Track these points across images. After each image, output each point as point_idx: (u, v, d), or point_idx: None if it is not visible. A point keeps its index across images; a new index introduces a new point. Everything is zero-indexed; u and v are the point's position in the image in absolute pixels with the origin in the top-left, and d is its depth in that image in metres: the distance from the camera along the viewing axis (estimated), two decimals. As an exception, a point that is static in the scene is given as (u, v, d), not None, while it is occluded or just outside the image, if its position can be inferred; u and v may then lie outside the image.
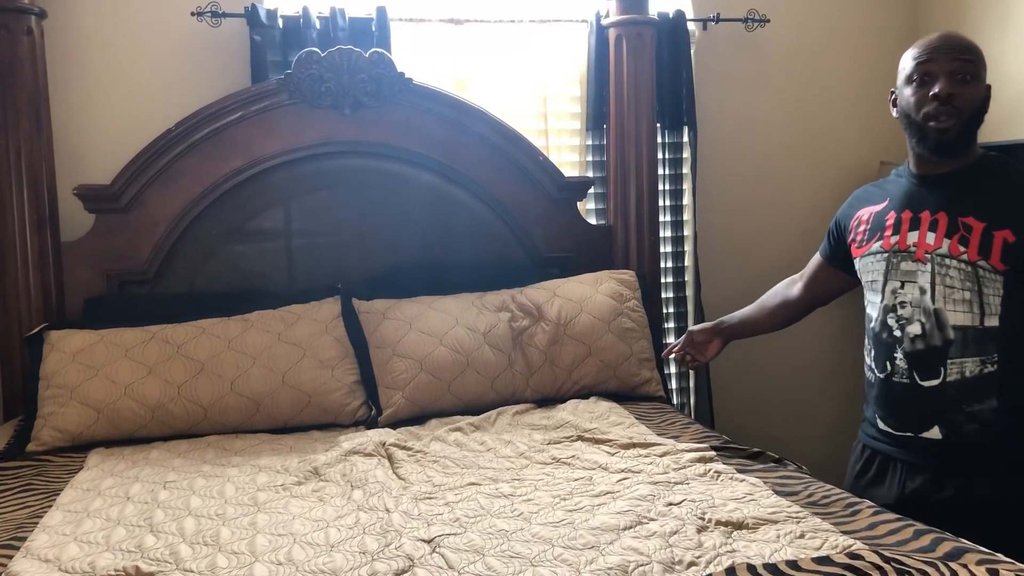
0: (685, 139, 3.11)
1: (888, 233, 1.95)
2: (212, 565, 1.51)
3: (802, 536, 1.56)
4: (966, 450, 1.85)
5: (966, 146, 1.89)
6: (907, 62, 1.93)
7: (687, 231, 3.17)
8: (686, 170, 3.13)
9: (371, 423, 2.43)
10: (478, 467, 2.04)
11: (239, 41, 2.78)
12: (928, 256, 1.86)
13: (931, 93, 1.85)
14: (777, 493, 1.79)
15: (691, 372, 3.17)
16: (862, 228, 2.04)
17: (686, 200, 3.15)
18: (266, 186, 2.72)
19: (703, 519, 1.66)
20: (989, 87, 1.89)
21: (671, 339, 3.16)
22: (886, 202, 2.00)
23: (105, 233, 2.62)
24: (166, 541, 1.62)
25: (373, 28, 2.79)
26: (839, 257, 2.19)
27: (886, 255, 1.95)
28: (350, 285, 2.66)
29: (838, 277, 2.24)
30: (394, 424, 2.40)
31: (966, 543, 1.50)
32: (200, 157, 2.67)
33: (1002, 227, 1.80)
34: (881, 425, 1.98)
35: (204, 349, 2.39)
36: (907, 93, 1.92)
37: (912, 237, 1.90)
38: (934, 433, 1.87)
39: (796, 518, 1.65)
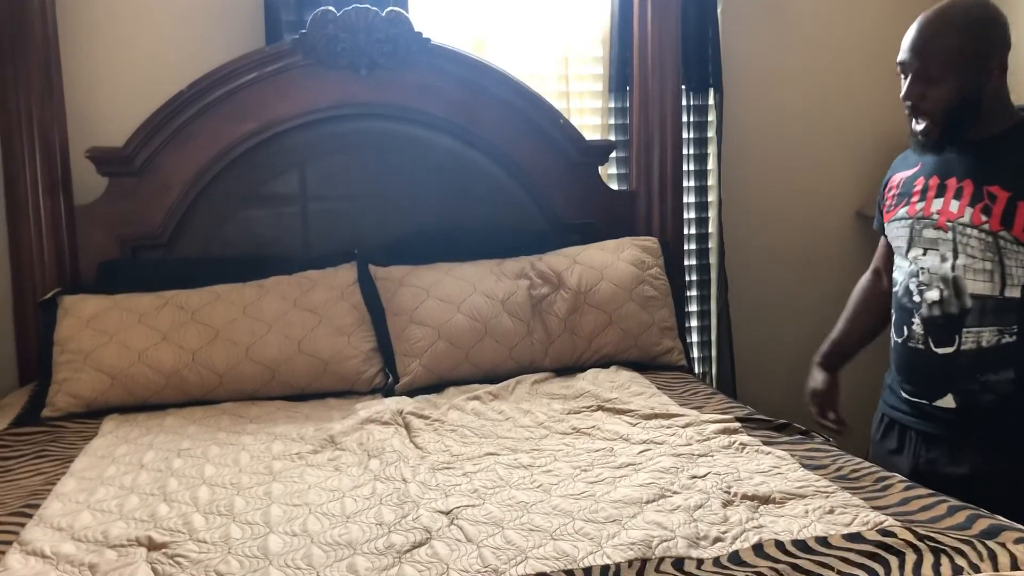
0: (711, 102, 3.02)
1: (915, 199, 1.91)
2: (226, 536, 1.48)
3: (831, 511, 1.51)
4: (982, 421, 1.81)
5: (960, 136, 1.82)
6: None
7: (711, 197, 3.09)
8: (711, 134, 3.05)
9: (388, 391, 2.39)
10: (496, 436, 2.00)
11: (253, 0, 2.71)
12: (950, 224, 1.83)
13: (901, 94, 1.84)
14: (804, 466, 1.74)
15: (713, 341, 3.11)
16: (892, 193, 2.01)
17: (710, 165, 3.08)
18: (281, 149, 2.66)
19: (728, 493, 1.61)
20: (995, 65, 1.78)
21: (693, 307, 3.10)
22: (918, 167, 1.96)
23: (118, 196, 2.58)
24: (179, 511, 1.60)
25: (390, -14, 2.72)
26: None
27: (910, 221, 1.92)
28: (367, 251, 2.61)
29: None
30: (411, 392, 2.36)
31: (1003, 520, 1.44)
32: (214, 119, 2.61)
33: None
34: (900, 391, 1.95)
35: (219, 315, 2.35)
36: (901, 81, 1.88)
37: (936, 204, 1.86)
38: (948, 401, 1.84)
39: (825, 492, 1.60)
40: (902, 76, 1.85)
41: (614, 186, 3.00)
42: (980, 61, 1.78)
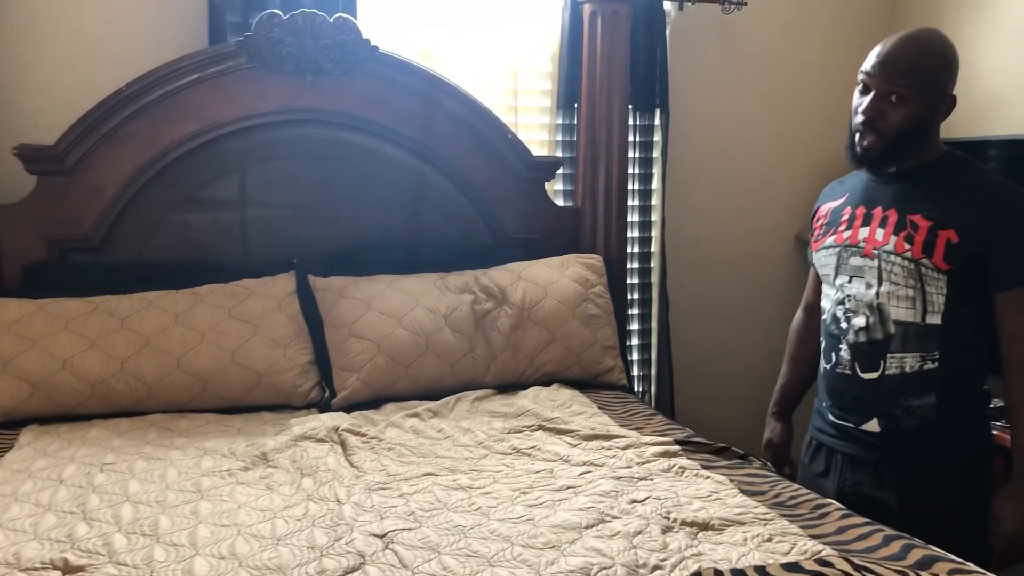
0: (657, 122, 3.03)
1: (842, 228, 1.95)
2: (148, 558, 1.42)
3: (770, 539, 1.51)
4: (905, 445, 1.86)
5: (895, 160, 1.86)
6: (865, 61, 1.88)
7: (655, 216, 3.10)
8: (656, 154, 3.06)
9: (324, 406, 2.34)
10: (435, 456, 1.96)
11: (196, 1, 2.63)
12: (875, 252, 1.87)
13: (860, 108, 1.85)
14: (743, 492, 1.74)
15: (653, 360, 3.12)
16: (820, 223, 2.05)
17: (655, 185, 3.09)
18: (221, 153, 2.58)
19: (668, 518, 1.60)
20: (951, 98, 1.83)
21: (635, 325, 3.11)
22: (845, 197, 2.00)
23: (47, 196, 2.47)
24: (100, 530, 1.53)
25: (339, -8, 2.67)
26: None
27: (837, 249, 1.96)
28: (307, 261, 2.55)
29: None
30: (348, 407, 2.31)
31: (936, 550, 1.46)
32: (152, 120, 2.53)
33: (948, 227, 1.78)
34: (828, 415, 1.99)
35: (150, 323, 2.27)
36: (854, 93, 1.90)
37: (863, 233, 1.90)
38: (873, 425, 1.89)
39: (763, 520, 1.60)
40: (862, 89, 1.86)
41: (560, 202, 2.99)
42: (941, 94, 1.82)
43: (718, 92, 3.19)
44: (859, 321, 1.89)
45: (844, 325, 1.92)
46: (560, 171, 2.94)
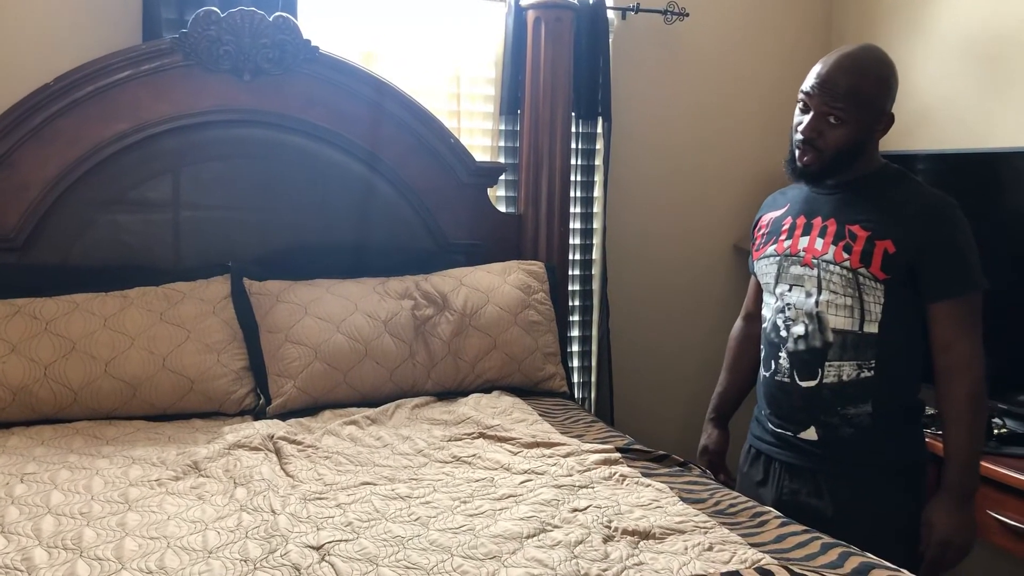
0: (599, 130, 3.04)
1: (783, 237, 1.98)
2: (71, 573, 1.36)
3: (710, 548, 1.51)
4: (841, 453, 1.88)
5: (833, 175, 1.89)
6: (806, 79, 1.90)
7: (596, 224, 3.11)
8: (598, 162, 3.07)
9: (259, 413, 2.28)
10: (373, 465, 1.92)
11: (130, -6, 2.56)
12: (815, 261, 1.89)
13: (799, 127, 1.88)
14: (683, 500, 1.74)
15: (594, 367, 3.12)
16: (761, 232, 2.08)
17: (596, 192, 3.09)
18: (154, 153, 2.51)
19: (609, 527, 1.59)
20: (890, 116, 1.87)
21: (576, 332, 3.11)
22: (786, 207, 2.03)
23: (-33, 194, 2.37)
24: (18, 544, 1.45)
25: (280, -9, 2.62)
26: None
27: (778, 259, 1.98)
28: (242, 264, 2.49)
29: None
30: (284, 415, 2.25)
31: (873, 558, 1.47)
32: (81, 117, 2.44)
33: (885, 237, 1.81)
34: (767, 424, 2.01)
35: (77, 326, 2.19)
36: (796, 109, 1.93)
37: (803, 242, 1.93)
38: (811, 434, 1.91)
39: (703, 528, 1.60)
40: (802, 108, 1.88)
41: (503, 208, 2.97)
42: (879, 112, 1.85)
43: (659, 101, 3.21)
44: (798, 329, 1.91)
45: (784, 333, 1.94)
46: (503, 177, 2.93)
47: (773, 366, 1.97)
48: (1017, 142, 2.60)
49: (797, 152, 1.90)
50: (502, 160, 2.94)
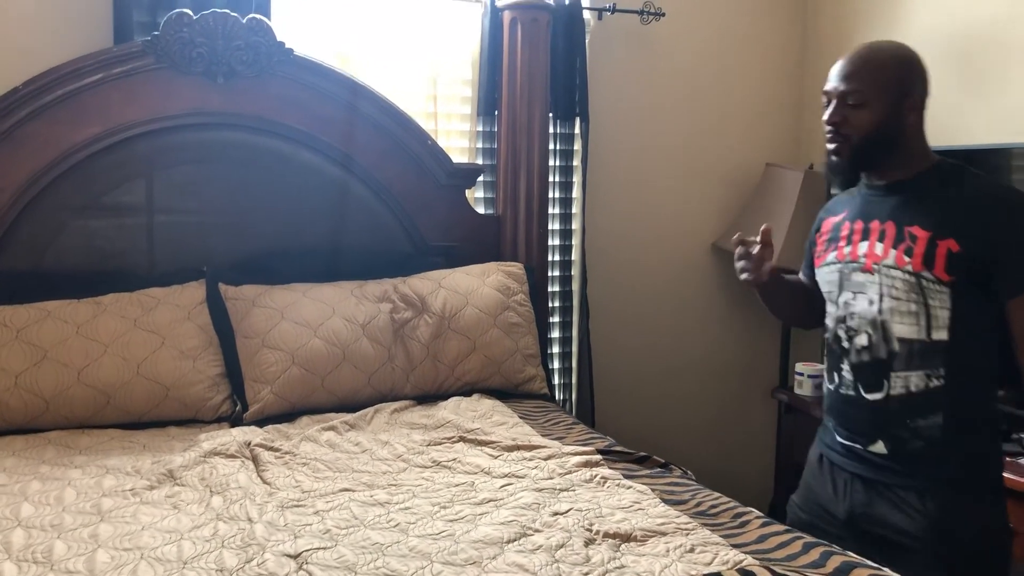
0: (577, 131, 3.03)
1: (843, 244, 1.87)
2: (41, 587, 1.33)
3: (692, 550, 1.50)
4: (913, 467, 1.75)
5: (871, 167, 1.81)
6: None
7: (575, 224, 3.10)
8: (576, 162, 3.06)
9: (236, 420, 2.25)
10: (352, 471, 1.90)
11: (101, -3, 2.52)
12: (876, 267, 1.78)
13: (824, 118, 1.82)
14: (665, 502, 1.73)
15: (574, 368, 3.11)
16: (823, 239, 1.95)
17: (575, 193, 3.08)
18: (127, 157, 2.47)
19: (590, 531, 1.58)
20: (917, 97, 1.76)
21: (556, 333, 3.10)
22: (845, 213, 1.91)
23: (-64, 200, 2.33)
24: (-12, 558, 1.42)
25: (253, -8, 2.59)
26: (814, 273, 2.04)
27: (839, 266, 1.87)
28: (217, 269, 2.46)
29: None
30: (261, 421, 2.23)
31: (855, 557, 1.47)
32: (52, 121, 2.41)
33: (947, 236, 1.69)
34: (835, 435, 1.88)
35: (49, 334, 2.16)
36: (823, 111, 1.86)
37: (862, 248, 1.82)
38: (879, 447, 1.78)
39: (685, 530, 1.59)
40: (825, 103, 1.82)
41: (481, 210, 2.96)
42: (901, 93, 1.75)
43: (637, 101, 3.21)
44: (861, 339, 1.80)
45: (846, 344, 1.83)
46: (481, 178, 2.91)
47: (837, 378, 1.86)
48: (990, 139, 2.62)
49: (829, 148, 1.81)
50: (480, 161, 2.93)
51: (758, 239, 1.95)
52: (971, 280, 1.68)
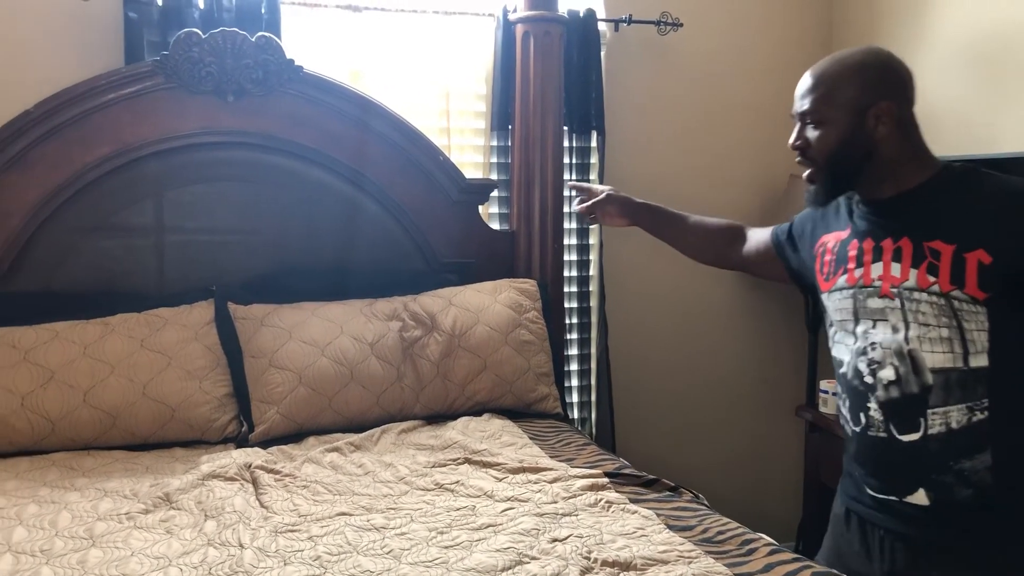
0: (593, 144, 2.98)
1: (852, 266, 1.67)
2: (20, 616, 1.31)
3: (693, 580, 1.44)
4: (962, 520, 1.54)
5: (844, 186, 1.68)
6: None
7: (592, 239, 3.05)
8: (593, 176, 3.01)
9: (242, 440, 2.23)
10: (352, 494, 1.86)
11: (112, 18, 2.53)
12: (895, 291, 1.58)
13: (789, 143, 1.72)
14: (670, 528, 1.67)
15: (593, 387, 3.05)
16: (828, 258, 1.75)
17: (593, 207, 3.03)
18: (137, 177, 2.47)
19: (588, 558, 1.52)
20: (883, 105, 1.59)
21: (574, 351, 3.04)
22: (848, 230, 1.72)
23: (-51, 224, 2.35)
24: (-29, 585, 1.41)
25: (262, 11, 2.58)
26: (784, 252, 1.93)
27: (852, 291, 1.66)
28: (227, 288, 2.44)
29: (776, 267, 1.97)
30: (267, 442, 2.20)
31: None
32: (63, 143, 2.41)
33: (975, 247, 1.50)
34: (864, 486, 1.66)
35: (56, 355, 2.15)
36: None
37: (876, 269, 1.62)
38: (920, 497, 1.56)
39: (688, 558, 1.53)
40: (794, 127, 1.71)
41: (495, 225, 2.91)
42: (862, 105, 1.60)
43: (655, 113, 3.15)
44: (887, 373, 1.58)
45: (870, 379, 1.61)
46: (495, 194, 2.87)
47: (863, 419, 1.63)
48: (1022, 147, 2.52)
49: (804, 175, 1.70)
50: (495, 176, 2.89)
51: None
52: (1009, 294, 1.49)
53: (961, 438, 1.51)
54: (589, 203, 2.24)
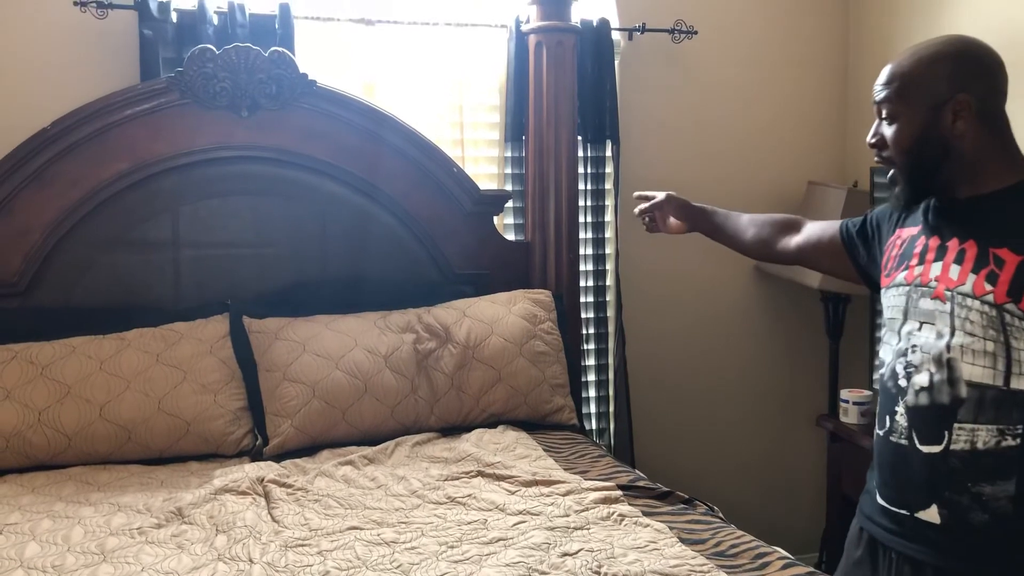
0: (608, 153, 2.97)
1: (914, 262, 1.57)
2: (29, 633, 1.31)
3: (703, 596, 1.42)
4: (973, 545, 1.43)
5: (923, 186, 1.55)
6: None
7: (609, 249, 3.03)
8: (608, 186, 2.99)
9: (256, 454, 2.24)
10: (364, 508, 1.86)
11: (128, 35, 2.56)
12: (948, 294, 1.48)
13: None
14: (683, 541, 1.65)
15: (611, 397, 3.03)
16: (895, 252, 1.64)
17: (608, 217, 3.02)
18: (153, 192, 2.50)
19: (599, 572, 1.50)
20: (961, 99, 1.48)
21: (591, 361, 3.02)
22: (920, 226, 1.61)
23: (-31, 241, 2.38)
24: (-18, 602, 1.42)
25: (276, 26, 2.60)
26: (854, 247, 1.80)
27: (907, 288, 1.56)
28: (242, 302, 2.46)
29: (839, 261, 1.84)
30: (282, 455, 2.21)
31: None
32: (80, 160, 2.44)
33: None
34: (879, 498, 1.57)
35: (72, 370, 2.17)
36: None
37: (935, 269, 1.51)
38: (932, 515, 1.46)
39: (699, 572, 1.51)
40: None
41: (510, 236, 2.91)
42: (938, 98, 1.49)
43: (671, 121, 3.13)
44: (921, 379, 1.49)
45: (903, 382, 1.51)
46: (510, 205, 2.87)
47: (888, 423, 1.54)
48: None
49: (890, 177, 1.59)
50: (510, 187, 2.89)
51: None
52: None
53: (985, 460, 1.42)
54: (647, 205, 2.20)
